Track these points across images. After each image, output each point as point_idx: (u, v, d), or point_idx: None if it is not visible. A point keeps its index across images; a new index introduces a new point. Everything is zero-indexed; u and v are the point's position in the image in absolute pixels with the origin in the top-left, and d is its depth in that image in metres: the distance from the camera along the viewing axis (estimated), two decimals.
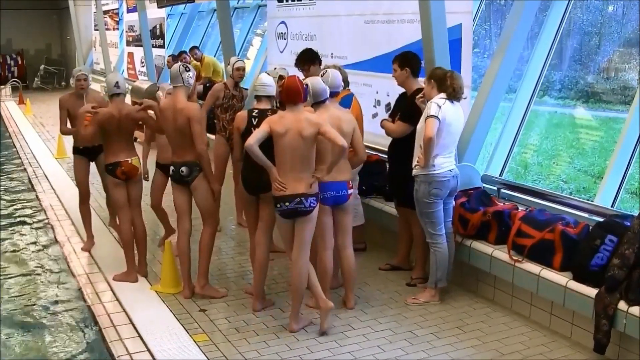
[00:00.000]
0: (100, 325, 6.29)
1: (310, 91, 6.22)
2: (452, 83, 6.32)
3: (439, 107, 6.22)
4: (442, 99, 6.29)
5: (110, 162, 7.08)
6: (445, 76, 6.37)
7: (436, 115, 6.19)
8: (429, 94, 6.46)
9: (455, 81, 6.35)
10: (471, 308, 6.59)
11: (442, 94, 6.33)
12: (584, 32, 9.41)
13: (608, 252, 5.57)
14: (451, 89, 6.31)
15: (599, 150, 8.77)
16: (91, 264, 7.82)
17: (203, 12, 19.36)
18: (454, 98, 6.35)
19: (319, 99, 6.29)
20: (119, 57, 24.00)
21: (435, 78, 6.43)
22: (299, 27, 11.11)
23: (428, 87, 6.49)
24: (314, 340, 5.92)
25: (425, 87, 6.54)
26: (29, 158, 14.47)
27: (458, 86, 6.36)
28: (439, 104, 6.24)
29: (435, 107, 6.23)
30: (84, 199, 8.47)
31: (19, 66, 32.46)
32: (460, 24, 7.64)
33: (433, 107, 6.23)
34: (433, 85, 6.42)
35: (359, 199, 7.69)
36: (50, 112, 22.03)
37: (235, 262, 7.93)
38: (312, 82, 6.32)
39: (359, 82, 9.04)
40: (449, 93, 6.31)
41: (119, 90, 7.03)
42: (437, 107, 6.22)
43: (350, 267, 6.49)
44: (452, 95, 6.32)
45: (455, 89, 6.33)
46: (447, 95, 6.31)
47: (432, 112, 6.21)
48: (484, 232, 6.67)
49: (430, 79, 6.46)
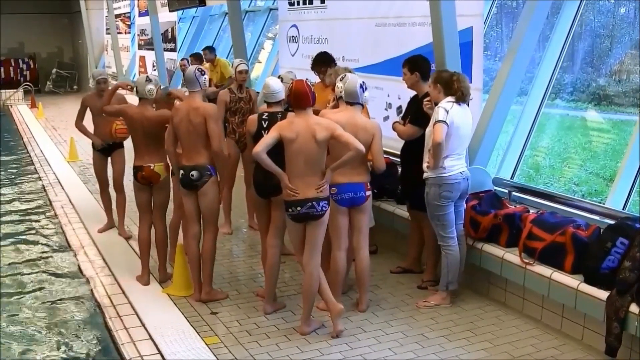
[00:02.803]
0: (112, 328, 6.30)
1: (344, 83, 6.25)
2: (460, 86, 6.31)
3: (446, 111, 6.21)
4: (449, 103, 6.28)
5: (134, 165, 7.16)
6: (452, 79, 6.35)
7: (444, 120, 6.19)
8: (435, 98, 6.46)
9: (463, 84, 6.34)
10: (482, 311, 6.58)
11: (449, 97, 6.32)
12: (595, 34, 9.40)
13: (619, 255, 5.56)
14: (460, 92, 6.31)
15: (610, 153, 8.75)
16: (103, 266, 7.84)
17: (214, 16, 19.41)
18: (462, 101, 6.34)
19: (349, 99, 6.30)
20: (131, 60, 24.11)
21: (441, 82, 6.41)
22: (310, 31, 11.13)
23: (434, 91, 6.47)
24: (325, 343, 5.92)
25: (432, 91, 6.53)
26: (41, 161, 14.53)
27: (466, 89, 6.36)
28: (447, 108, 6.23)
29: (443, 112, 6.22)
30: (104, 187, 9.26)
31: (31, 70, 32.66)
32: (471, 27, 7.65)
33: (441, 112, 6.23)
34: (440, 89, 6.41)
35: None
36: (63, 115, 22.16)
37: (246, 264, 7.93)
38: (351, 78, 6.32)
39: (371, 85, 8.95)
40: (458, 96, 6.31)
41: (149, 96, 7.08)
42: (445, 112, 6.21)
43: (364, 268, 6.47)
44: (460, 98, 6.32)
45: (463, 92, 6.32)
46: (456, 99, 6.30)
47: (440, 117, 6.21)
48: (495, 234, 6.66)
49: (437, 83, 6.45)
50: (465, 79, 6.42)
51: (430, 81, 6.56)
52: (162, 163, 7.13)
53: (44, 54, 33.36)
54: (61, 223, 9.84)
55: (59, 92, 31.29)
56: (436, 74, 6.58)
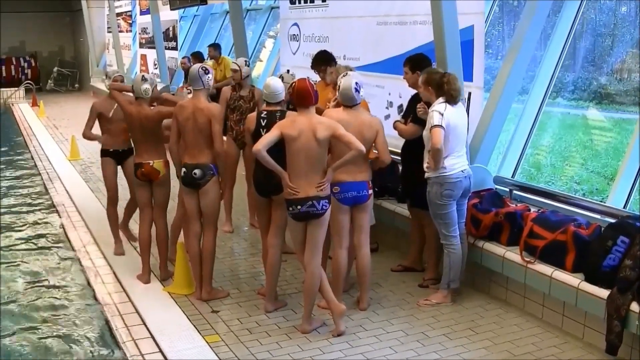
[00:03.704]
0: (113, 326, 6.31)
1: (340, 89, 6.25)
2: (449, 88, 6.28)
3: (441, 114, 6.20)
4: (442, 104, 6.27)
5: (134, 162, 7.18)
6: (442, 81, 6.34)
7: (440, 124, 6.18)
8: (427, 99, 6.47)
9: (452, 85, 6.30)
10: (483, 309, 6.58)
11: (441, 98, 6.32)
12: (596, 33, 9.40)
13: (620, 253, 5.55)
14: (449, 95, 6.29)
15: (611, 151, 8.75)
16: (104, 265, 7.85)
17: (216, 14, 19.41)
18: (453, 102, 6.33)
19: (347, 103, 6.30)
20: (132, 59, 24.11)
21: (432, 84, 6.41)
22: (312, 29, 11.12)
23: (426, 92, 6.48)
24: (326, 342, 5.93)
25: (423, 92, 6.54)
26: (42, 160, 14.53)
27: (456, 90, 6.32)
28: (441, 110, 6.22)
29: (438, 115, 6.21)
30: (113, 202, 8.21)
31: (33, 68, 32.64)
32: (472, 26, 7.64)
33: (436, 117, 6.22)
34: (431, 91, 6.42)
35: None
36: (64, 114, 22.17)
37: (247, 263, 7.94)
38: (342, 88, 6.30)
39: (372, 84, 9.04)
40: (448, 98, 6.30)
41: (145, 96, 7.09)
42: (440, 115, 6.20)
43: (365, 266, 6.47)
44: (451, 100, 6.30)
45: (453, 94, 6.30)
46: (446, 101, 6.30)
47: (435, 122, 6.20)
48: (496, 233, 6.66)
49: (428, 84, 6.45)
50: (455, 80, 6.37)
51: (421, 81, 6.55)
52: (162, 160, 7.14)
53: (45, 53, 33.36)
54: (62, 221, 9.85)
55: (60, 90, 31.30)
56: (427, 76, 6.53)
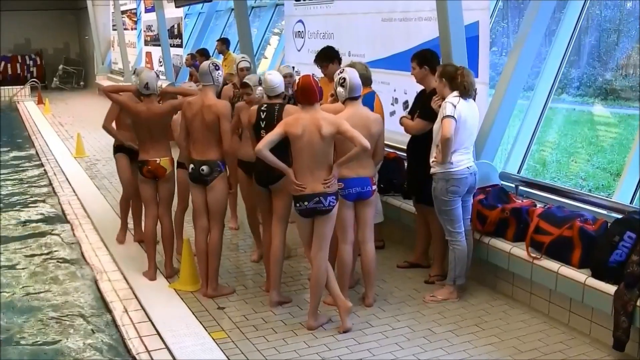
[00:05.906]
0: (119, 323, 6.32)
1: (347, 85, 6.22)
2: (463, 80, 6.30)
3: (454, 106, 6.21)
4: (456, 97, 6.28)
5: (139, 160, 7.18)
6: (456, 74, 6.36)
7: (452, 115, 6.19)
8: (441, 92, 6.46)
9: (466, 78, 6.32)
10: (489, 305, 6.58)
11: (455, 91, 6.33)
12: (602, 28, 9.37)
13: (627, 249, 5.55)
14: (462, 87, 6.30)
15: (617, 147, 8.72)
16: (110, 262, 7.86)
17: (221, 12, 19.42)
18: (466, 95, 6.33)
19: (353, 95, 6.28)
20: (137, 56, 24.13)
21: (446, 76, 6.42)
22: (317, 26, 11.12)
23: (440, 85, 6.48)
24: (332, 338, 5.93)
25: (437, 85, 6.54)
26: (48, 157, 14.55)
27: (469, 83, 6.34)
28: (454, 103, 6.24)
29: (451, 106, 6.22)
30: (128, 196, 8.29)
31: (38, 66, 32.63)
32: (477, 22, 7.64)
33: (448, 107, 6.23)
34: (445, 83, 6.42)
35: (378, 196, 7.67)
36: (69, 111, 22.21)
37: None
38: (350, 75, 6.26)
39: (377, 80, 8.97)
40: (461, 91, 6.30)
41: (148, 92, 7.04)
42: (452, 107, 6.21)
43: (370, 261, 6.46)
44: (464, 93, 6.31)
45: (466, 86, 6.31)
46: (460, 94, 6.30)
47: (448, 112, 6.21)
48: (502, 229, 6.66)
49: (442, 77, 6.46)
50: (469, 74, 6.40)
51: (437, 75, 6.56)
52: (168, 157, 7.15)
53: (51, 50, 33.36)
54: (68, 218, 9.86)
55: (65, 88, 31.30)
56: (442, 68, 6.57)
